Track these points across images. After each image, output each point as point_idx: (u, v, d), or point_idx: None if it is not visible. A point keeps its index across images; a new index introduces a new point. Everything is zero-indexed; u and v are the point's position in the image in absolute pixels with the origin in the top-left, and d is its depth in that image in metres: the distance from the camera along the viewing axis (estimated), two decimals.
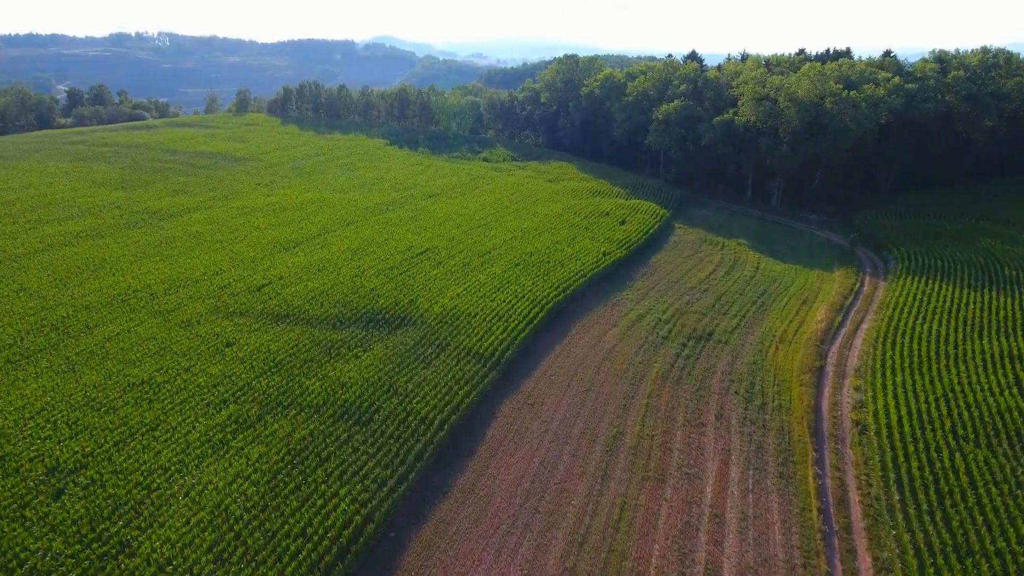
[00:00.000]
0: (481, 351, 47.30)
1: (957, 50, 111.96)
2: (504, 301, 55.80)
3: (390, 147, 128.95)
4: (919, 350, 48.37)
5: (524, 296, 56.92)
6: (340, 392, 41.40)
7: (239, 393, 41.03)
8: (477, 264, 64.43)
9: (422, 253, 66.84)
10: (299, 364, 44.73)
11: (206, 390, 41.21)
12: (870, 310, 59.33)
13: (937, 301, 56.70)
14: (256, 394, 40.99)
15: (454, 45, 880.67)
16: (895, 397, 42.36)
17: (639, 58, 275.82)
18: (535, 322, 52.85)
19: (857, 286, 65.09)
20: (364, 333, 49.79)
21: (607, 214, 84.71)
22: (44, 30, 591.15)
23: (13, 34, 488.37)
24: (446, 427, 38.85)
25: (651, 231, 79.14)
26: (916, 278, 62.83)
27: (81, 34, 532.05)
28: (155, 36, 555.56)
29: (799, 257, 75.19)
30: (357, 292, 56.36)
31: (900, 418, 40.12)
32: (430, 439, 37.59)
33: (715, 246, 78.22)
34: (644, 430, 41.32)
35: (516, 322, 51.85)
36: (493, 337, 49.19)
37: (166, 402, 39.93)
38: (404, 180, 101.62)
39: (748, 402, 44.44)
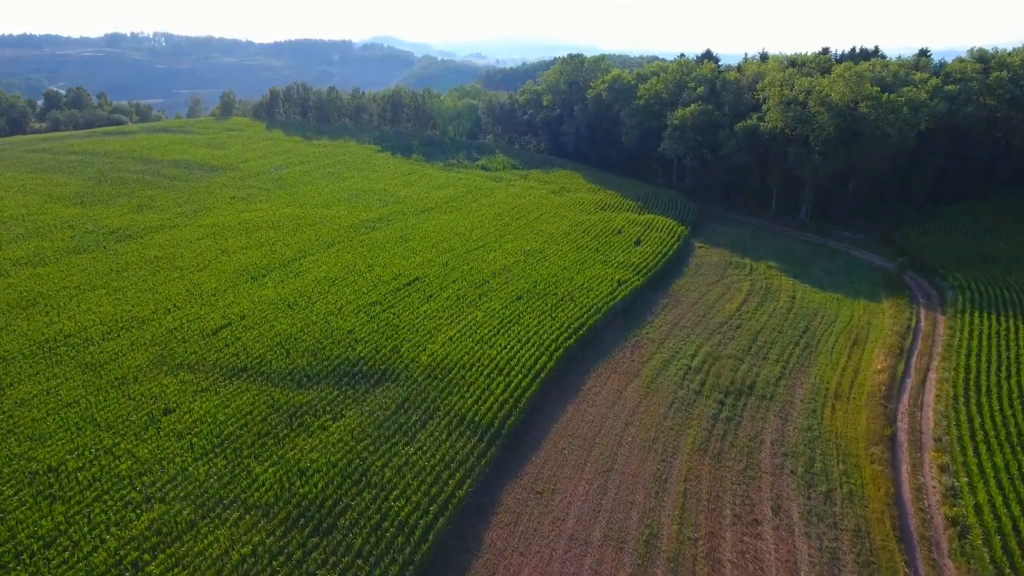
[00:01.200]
0: (477, 418, 38.51)
1: (996, 48, 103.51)
2: (505, 347, 47.04)
3: (381, 154, 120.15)
4: (1013, 416, 39.59)
5: (529, 340, 48.16)
6: (298, 483, 32.61)
7: (169, 487, 32.23)
8: (473, 297, 55.66)
9: (410, 283, 58.06)
10: (250, 441, 35.95)
11: (127, 482, 32.42)
12: (934, 354, 50.56)
13: (1018, 346, 47.94)
14: (191, 487, 32.19)
15: (453, 45, 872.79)
16: (1000, 487, 33.60)
17: (641, 58, 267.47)
18: (543, 375, 44.05)
19: (913, 322, 56.32)
20: (336, 393, 41.01)
21: (619, 232, 75.97)
22: (39, 30, 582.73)
23: (7, 34, 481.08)
24: (432, 535, 30.09)
25: (670, 252, 70.33)
26: (982, 314, 54.11)
27: (76, 35, 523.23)
28: (151, 36, 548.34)
29: (839, 283, 66.39)
30: (331, 336, 47.59)
31: (1014, 519, 31.36)
32: (410, 557, 28.81)
33: (742, 270, 69.44)
34: (683, 530, 32.57)
35: (520, 376, 43.05)
36: (492, 398, 40.39)
37: (73, 502, 31.13)
38: (395, 191, 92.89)
39: (810, 487, 35.69)
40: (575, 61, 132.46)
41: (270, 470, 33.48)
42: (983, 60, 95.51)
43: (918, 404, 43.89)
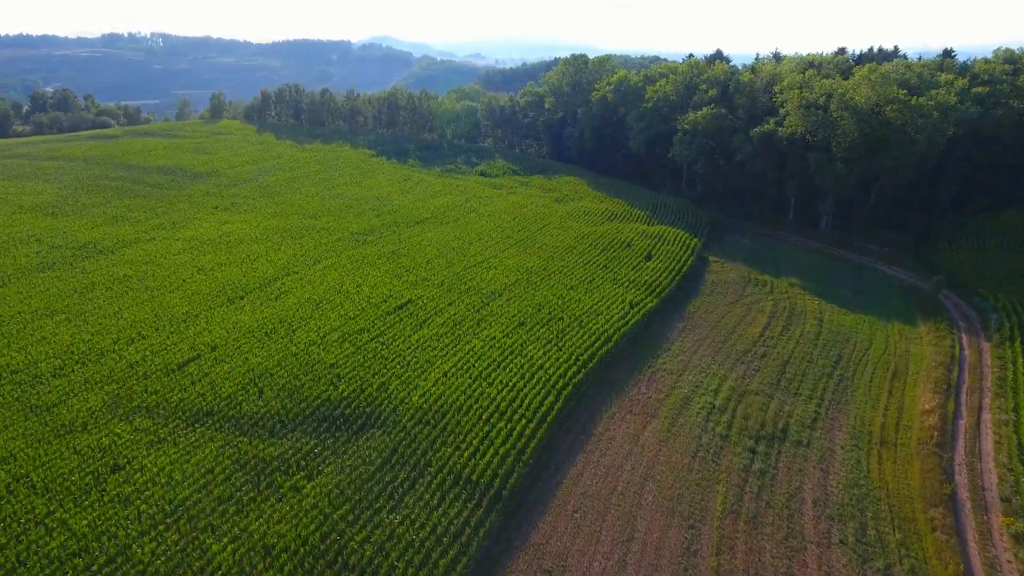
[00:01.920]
0: (475, 477, 33.31)
1: (1021, 48, 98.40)
2: (507, 384, 41.85)
3: (376, 158, 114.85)
4: None
5: (533, 375, 42.95)
6: (261, 567, 27.42)
7: (105, 571, 27.02)
8: (471, 323, 50.45)
9: (402, 307, 52.86)
10: (209, 508, 30.73)
11: (56, 566, 27.21)
12: (985, 389, 45.37)
13: None
14: (132, 573, 26.97)
15: (452, 45, 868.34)
16: None
17: (643, 59, 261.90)
18: (549, 418, 38.87)
19: (956, 350, 51.12)
20: (313, 442, 35.80)
21: (628, 245, 70.74)
22: (36, 31, 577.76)
23: (4, 35, 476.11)
24: None
25: (684, 269, 65.10)
26: None
27: (73, 35, 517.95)
28: (148, 37, 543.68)
29: (868, 304, 61.15)
30: (312, 371, 42.39)
31: None
32: None
33: (762, 288, 64.19)
34: None
35: (523, 421, 37.87)
36: (492, 449, 35.21)
37: None
38: (389, 199, 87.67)
39: (864, 562, 30.47)
40: (578, 62, 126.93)
41: (229, 548, 28.26)
42: (1011, 61, 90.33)
43: (976, 453, 38.67)
